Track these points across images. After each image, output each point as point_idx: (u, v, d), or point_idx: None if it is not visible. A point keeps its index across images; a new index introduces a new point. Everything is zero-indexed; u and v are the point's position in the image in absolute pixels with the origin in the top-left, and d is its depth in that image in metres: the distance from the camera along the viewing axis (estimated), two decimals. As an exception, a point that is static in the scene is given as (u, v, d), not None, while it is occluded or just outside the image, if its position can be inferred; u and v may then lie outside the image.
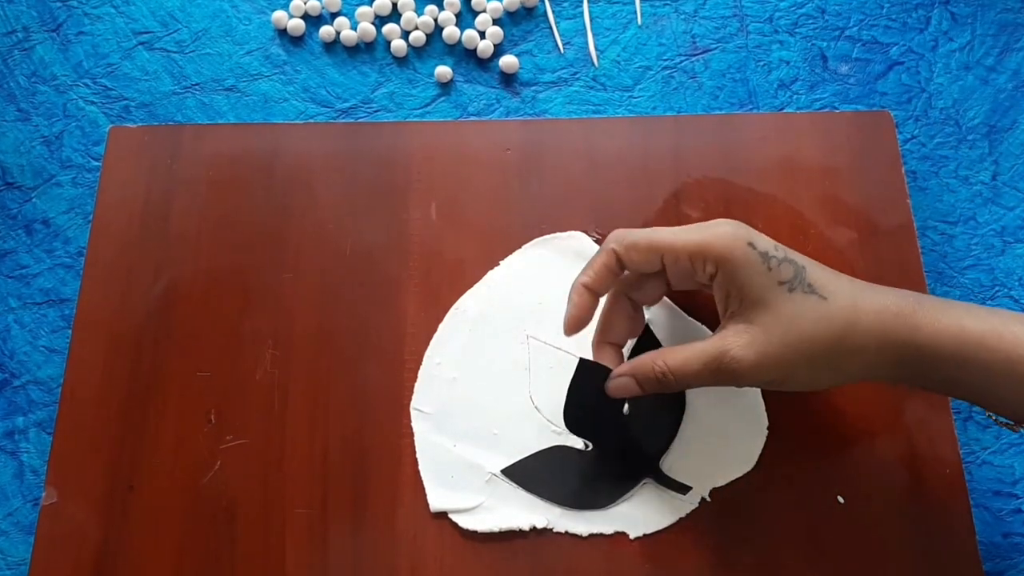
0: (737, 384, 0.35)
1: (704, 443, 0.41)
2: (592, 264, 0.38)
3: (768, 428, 0.41)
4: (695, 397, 0.41)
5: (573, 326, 0.38)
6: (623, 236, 0.37)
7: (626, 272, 0.38)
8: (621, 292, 0.39)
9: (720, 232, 0.35)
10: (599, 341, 0.39)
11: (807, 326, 0.33)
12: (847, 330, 0.33)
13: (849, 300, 0.34)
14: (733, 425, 0.41)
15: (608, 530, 0.39)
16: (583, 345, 0.42)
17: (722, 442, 0.41)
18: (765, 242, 0.35)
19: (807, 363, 0.34)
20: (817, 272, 0.35)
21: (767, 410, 0.41)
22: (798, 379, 0.35)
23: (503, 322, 0.43)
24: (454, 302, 0.44)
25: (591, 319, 0.38)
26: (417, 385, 0.42)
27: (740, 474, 0.40)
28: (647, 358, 0.37)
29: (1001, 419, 0.36)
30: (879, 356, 0.34)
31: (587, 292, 0.38)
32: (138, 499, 0.41)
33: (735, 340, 0.34)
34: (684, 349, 0.36)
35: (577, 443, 0.41)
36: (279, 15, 0.53)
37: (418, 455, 0.41)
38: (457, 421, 0.42)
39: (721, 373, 0.34)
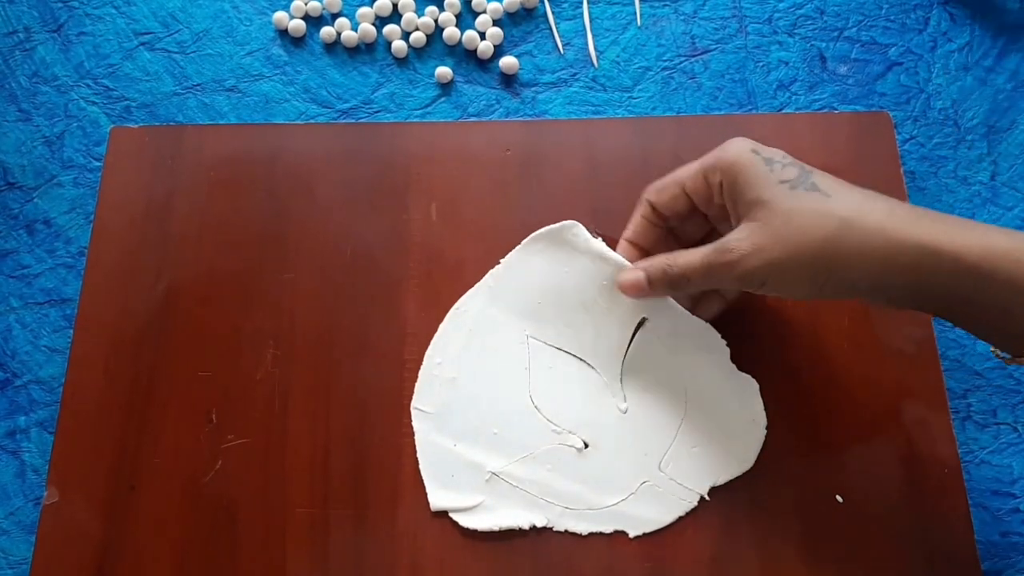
0: (731, 279, 0.35)
1: (703, 443, 0.41)
2: (632, 219, 0.40)
3: (767, 428, 0.41)
4: (695, 395, 0.41)
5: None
6: (653, 184, 0.39)
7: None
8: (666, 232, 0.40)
9: (728, 147, 0.36)
10: (623, 239, 0.40)
11: (804, 220, 0.33)
12: (849, 225, 0.32)
13: (855, 199, 0.33)
14: (732, 425, 0.41)
15: (608, 529, 0.40)
16: (583, 345, 0.43)
17: (721, 442, 0.41)
18: (772, 151, 0.35)
19: (804, 261, 0.33)
20: (824, 177, 0.34)
21: (766, 409, 0.41)
22: (794, 279, 0.34)
23: (503, 322, 0.43)
24: (454, 302, 0.44)
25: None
26: (417, 385, 0.42)
27: (739, 473, 0.40)
28: (658, 257, 0.38)
29: (1001, 352, 0.34)
30: (886, 261, 0.32)
31: (631, 247, 0.40)
32: (139, 498, 0.41)
33: (734, 235, 0.34)
34: (690, 250, 0.36)
35: (577, 443, 0.41)
36: (280, 16, 0.53)
37: (418, 454, 0.41)
38: (457, 421, 0.42)
39: (717, 266, 0.35)
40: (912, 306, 0.34)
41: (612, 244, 0.45)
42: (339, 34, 0.53)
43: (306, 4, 0.53)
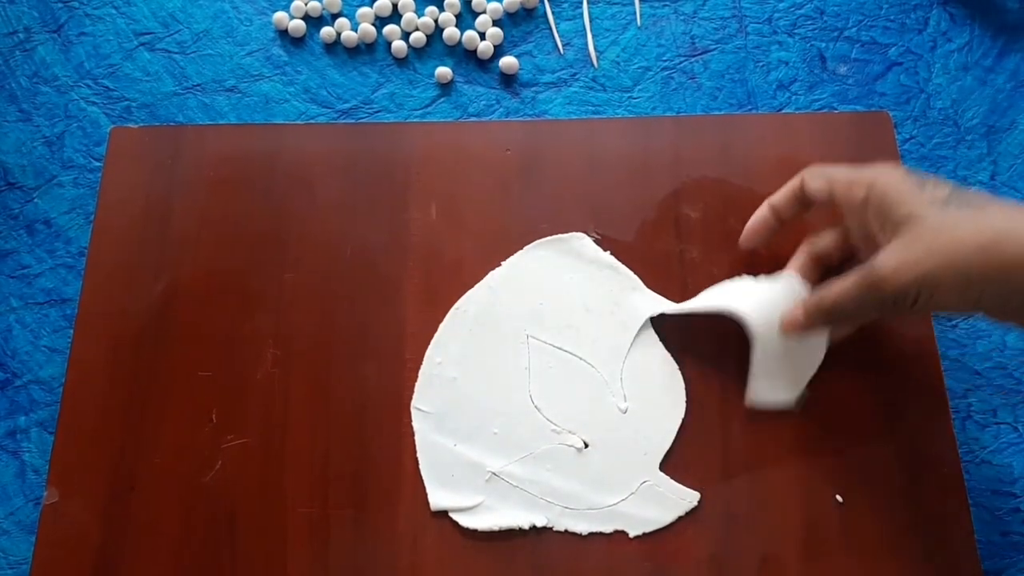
0: (884, 302, 0.34)
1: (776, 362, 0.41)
2: (783, 188, 0.41)
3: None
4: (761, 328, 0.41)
5: (749, 238, 0.42)
6: (813, 166, 0.40)
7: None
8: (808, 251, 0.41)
9: (876, 165, 0.36)
10: (766, 201, 0.42)
11: (958, 231, 0.31)
12: (1005, 235, 0.31)
13: (1011, 212, 0.32)
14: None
15: (608, 529, 0.40)
16: (583, 346, 0.43)
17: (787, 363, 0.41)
18: (924, 175, 0.34)
19: (958, 271, 0.31)
20: (979, 194, 0.33)
21: (765, 409, 0.41)
22: (947, 292, 0.32)
23: (503, 322, 0.43)
24: (454, 302, 0.44)
25: (766, 237, 0.42)
26: (418, 385, 0.42)
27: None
28: (812, 295, 0.38)
29: None
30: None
31: (769, 210, 0.41)
32: (139, 498, 0.41)
33: (883, 254, 0.34)
34: (841, 278, 0.36)
35: (577, 443, 0.41)
36: (280, 16, 0.53)
37: (418, 454, 0.41)
38: (457, 421, 0.42)
39: (868, 287, 0.34)
40: None
41: (613, 245, 0.45)
42: (339, 34, 0.53)
43: (306, 4, 0.53)
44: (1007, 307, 0.32)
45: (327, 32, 0.53)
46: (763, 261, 0.44)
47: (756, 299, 0.41)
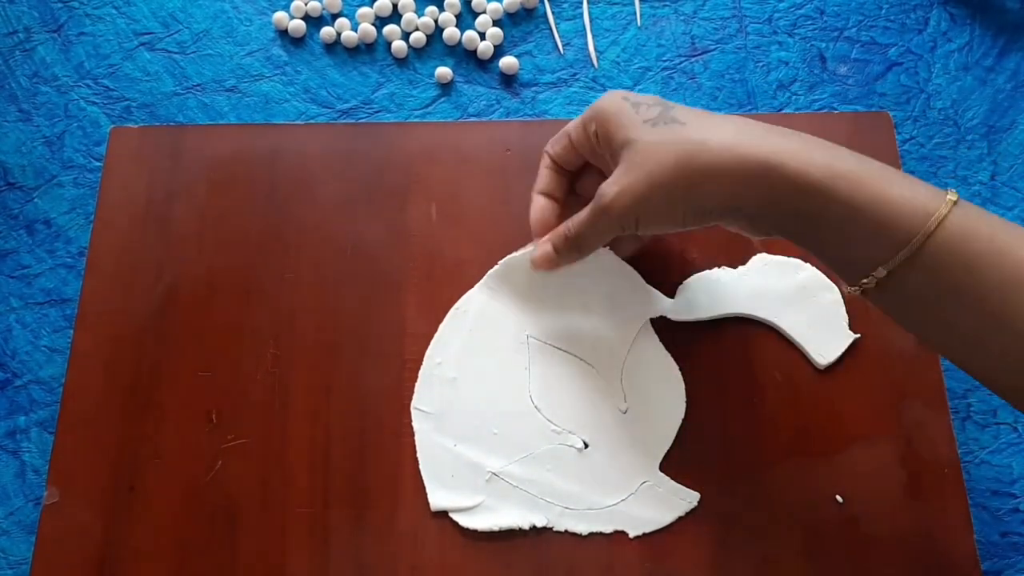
0: (613, 222, 0.35)
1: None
2: (539, 173, 0.41)
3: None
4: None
5: (539, 230, 0.40)
6: (549, 145, 0.40)
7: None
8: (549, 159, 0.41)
9: (604, 97, 0.37)
10: (534, 191, 0.41)
11: (660, 150, 0.33)
12: (699, 146, 0.32)
13: (707, 123, 0.33)
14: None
15: (608, 529, 0.40)
16: (583, 345, 0.43)
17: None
18: (641, 96, 0.36)
19: (662, 189, 0.33)
20: (685, 110, 0.34)
21: (765, 409, 0.41)
22: (656, 211, 0.34)
23: (503, 322, 0.43)
24: (454, 302, 0.44)
25: (553, 221, 0.40)
26: (418, 385, 0.42)
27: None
28: (560, 225, 0.38)
29: (848, 288, 0.33)
30: (735, 180, 0.32)
31: (540, 197, 0.40)
32: (139, 498, 0.41)
33: (606, 181, 0.35)
34: (580, 212, 0.37)
35: (577, 443, 0.41)
36: (280, 16, 0.53)
37: (418, 454, 0.41)
38: (457, 421, 0.42)
39: (598, 213, 0.35)
40: (767, 229, 0.34)
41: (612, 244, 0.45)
42: (339, 34, 0.53)
43: (306, 4, 0.53)
44: (707, 219, 0.34)
45: (327, 32, 0.53)
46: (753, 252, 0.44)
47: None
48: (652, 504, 0.40)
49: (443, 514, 0.40)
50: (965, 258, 0.30)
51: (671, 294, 0.43)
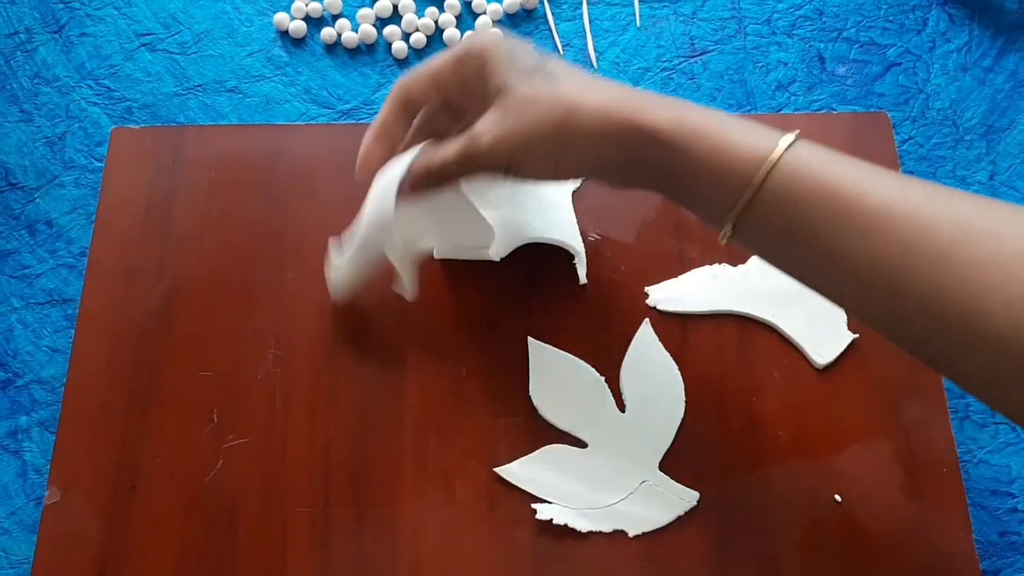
0: (482, 168, 0.36)
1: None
2: (380, 113, 0.39)
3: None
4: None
5: (362, 169, 0.39)
6: (403, 77, 0.38)
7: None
8: (399, 102, 0.39)
9: (479, 36, 0.36)
10: (368, 138, 0.39)
11: (538, 105, 0.34)
12: (573, 109, 0.34)
13: (580, 84, 0.35)
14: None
15: (607, 528, 0.40)
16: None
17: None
18: (520, 43, 0.36)
19: (540, 141, 0.34)
20: (560, 64, 0.36)
21: (765, 409, 0.41)
22: (535, 159, 0.35)
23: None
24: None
25: (382, 163, 0.39)
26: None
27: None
28: (421, 157, 0.38)
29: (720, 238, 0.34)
30: (604, 140, 0.34)
31: (376, 143, 0.38)
32: (140, 498, 0.41)
33: (481, 123, 0.35)
34: (448, 141, 0.37)
35: (577, 443, 0.41)
36: (281, 17, 0.53)
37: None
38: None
39: (469, 154, 0.36)
40: (633, 182, 0.35)
41: (610, 244, 0.45)
42: (340, 35, 0.53)
43: (307, 5, 0.53)
44: (583, 171, 0.36)
45: (328, 33, 0.53)
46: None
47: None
48: (652, 504, 0.40)
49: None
50: (795, 197, 0.30)
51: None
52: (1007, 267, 0.27)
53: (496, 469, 0.41)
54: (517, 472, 0.41)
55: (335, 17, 0.54)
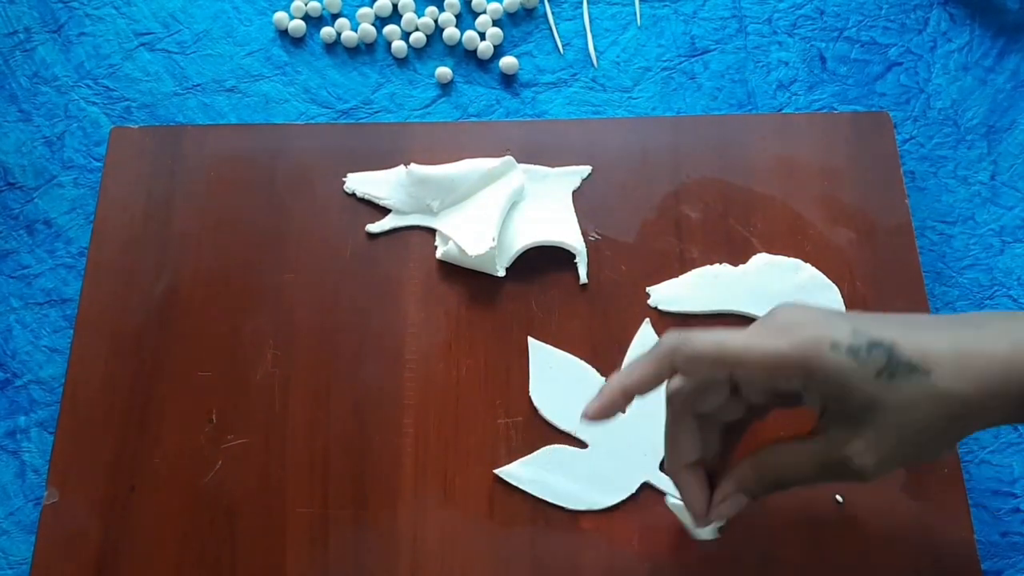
0: (856, 482, 0.32)
1: None
2: (639, 367, 0.33)
3: None
4: None
5: (595, 415, 0.33)
6: (682, 343, 0.32)
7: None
8: (681, 406, 0.34)
9: (797, 340, 0.30)
10: (675, 467, 0.34)
11: (919, 415, 0.30)
12: (965, 404, 0.30)
13: (953, 366, 0.30)
14: None
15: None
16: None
17: None
18: (843, 332, 0.30)
19: (928, 445, 0.31)
20: (908, 341, 0.30)
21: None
22: (922, 459, 0.32)
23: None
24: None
25: (617, 415, 0.34)
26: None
27: None
28: (745, 469, 0.33)
29: None
30: (996, 419, 0.31)
31: (622, 394, 0.33)
32: (139, 498, 0.41)
33: (852, 448, 0.31)
34: (785, 450, 0.33)
35: (577, 443, 0.41)
36: (280, 16, 0.53)
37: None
38: (457, 421, 0.42)
39: (842, 478, 0.32)
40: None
41: (611, 244, 0.45)
42: (339, 34, 0.53)
43: (306, 4, 0.53)
44: (974, 433, 0.33)
45: (327, 32, 0.53)
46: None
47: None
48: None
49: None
50: None
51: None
52: None
53: (496, 471, 0.40)
54: (517, 473, 0.41)
55: (334, 16, 0.54)
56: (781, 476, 0.33)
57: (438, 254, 0.44)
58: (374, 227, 0.45)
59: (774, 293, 0.43)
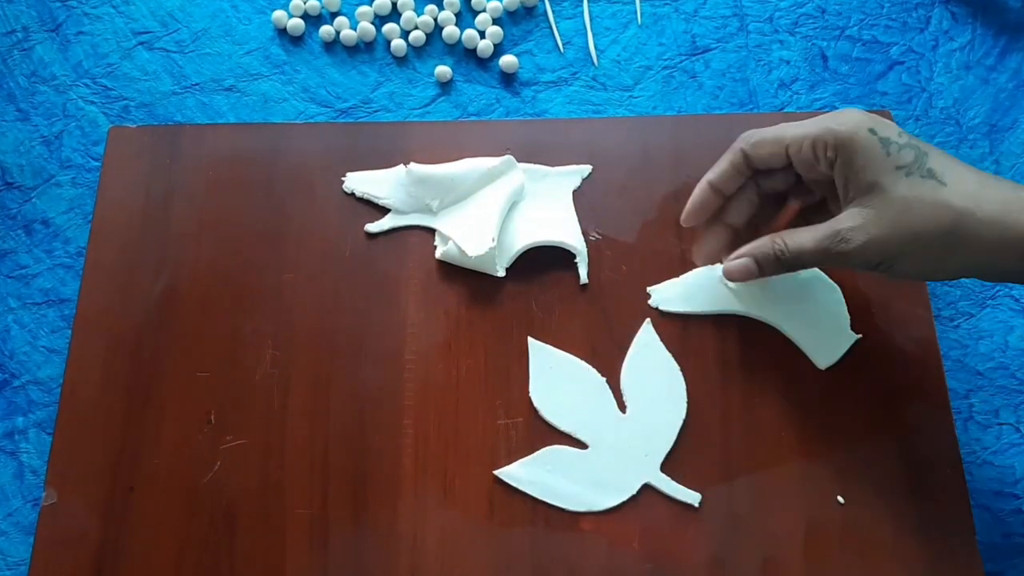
0: (846, 264, 0.36)
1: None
2: (719, 163, 0.39)
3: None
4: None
5: (690, 218, 0.40)
6: (751, 135, 0.38)
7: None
8: (749, 179, 0.40)
9: (843, 119, 0.35)
10: (715, 220, 0.40)
11: (920, 211, 0.33)
12: (963, 217, 0.32)
13: (971, 187, 0.33)
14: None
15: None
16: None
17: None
18: (888, 129, 0.35)
19: (921, 248, 0.33)
20: (940, 159, 0.34)
21: (765, 410, 0.41)
22: (904, 265, 0.34)
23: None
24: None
25: (708, 216, 0.40)
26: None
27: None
28: (765, 240, 0.38)
29: None
30: (1002, 251, 0.32)
31: (710, 188, 0.39)
32: (138, 499, 0.41)
33: (847, 223, 0.35)
34: (800, 231, 0.37)
35: (577, 443, 0.41)
36: (279, 15, 0.53)
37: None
38: (457, 421, 0.42)
39: (831, 253, 0.35)
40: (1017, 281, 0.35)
41: (611, 244, 0.45)
42: (338, 33, 0.53)
43: (305, 3, 0.53)
44: (965, 274, 0.36)
45: (326, 31, 0.52)
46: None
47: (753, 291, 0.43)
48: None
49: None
50: None
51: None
52: None
53: (496, 472, 0.40)
54: (517, 474, 0.40)
55: (333, 15, 0.54)
56: (788, 249, 0.37)
57: (437, 254, 0.44)
58: (373, 227, 0.45)
59: (774, 293, 0.43)
